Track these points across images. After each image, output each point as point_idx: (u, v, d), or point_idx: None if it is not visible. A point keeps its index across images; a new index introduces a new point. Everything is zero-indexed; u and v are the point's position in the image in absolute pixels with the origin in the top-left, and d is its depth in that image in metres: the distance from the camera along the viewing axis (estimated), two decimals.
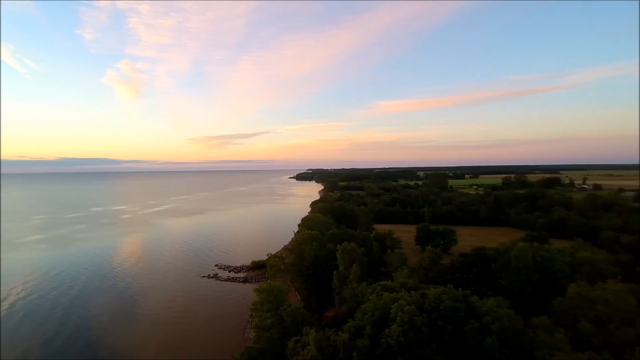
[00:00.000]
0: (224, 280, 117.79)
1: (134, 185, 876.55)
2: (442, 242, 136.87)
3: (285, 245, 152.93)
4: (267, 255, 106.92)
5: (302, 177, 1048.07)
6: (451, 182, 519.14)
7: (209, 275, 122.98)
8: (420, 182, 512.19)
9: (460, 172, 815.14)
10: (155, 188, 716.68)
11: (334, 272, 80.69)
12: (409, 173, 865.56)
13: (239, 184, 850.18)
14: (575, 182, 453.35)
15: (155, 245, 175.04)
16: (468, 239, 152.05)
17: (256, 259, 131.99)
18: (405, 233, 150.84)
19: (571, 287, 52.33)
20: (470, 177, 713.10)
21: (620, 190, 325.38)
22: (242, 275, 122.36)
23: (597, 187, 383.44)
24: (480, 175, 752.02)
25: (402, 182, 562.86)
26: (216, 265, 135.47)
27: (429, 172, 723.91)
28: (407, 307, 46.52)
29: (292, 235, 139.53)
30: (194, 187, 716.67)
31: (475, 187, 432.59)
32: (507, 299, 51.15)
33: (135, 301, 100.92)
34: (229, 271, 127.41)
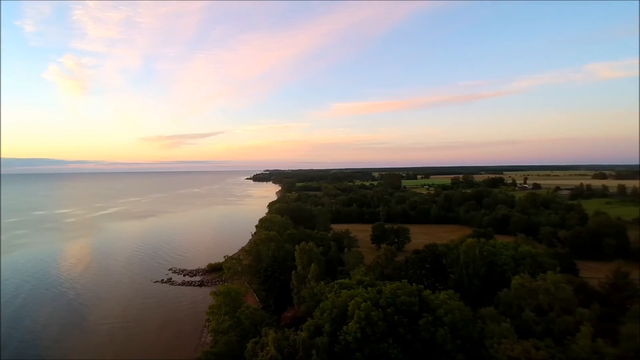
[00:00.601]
0: (179, 284, 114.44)
1: (80, 187, 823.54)
2: (396, 240, 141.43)
3: (242, 247, 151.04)
4: (224, 257, 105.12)
5: (259, 178, 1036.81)
6: (405, 183, 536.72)
7: (163, 280, 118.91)
8: (375, 183, 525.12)
9: (413, 173, 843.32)
10: (102, 190, 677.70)
11: (293, 272, 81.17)
12: (364, 174, 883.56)
13: (194, 185, 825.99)
14: (517, 181, 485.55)
15: (104, 250, 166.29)
16: (420, 236, 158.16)
17: (212, 261, 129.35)
18: (362, 232, 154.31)
19: (515, 279, 56.22)
20: (422, 178, 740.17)
21: (557, 189, 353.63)
22: (197, 278, 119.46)
23: (536, 186, 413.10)
24: (432, 176, 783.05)
25: (358, 182, 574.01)
26: (170, 269, 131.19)
27: (383, 173, 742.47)
28: (364, 303, 48.03)
29: (250, 237, 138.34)
30: (145, 189, 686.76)
31: (427, 187, 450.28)
32: (458, 292, 54.44)
33: (85, 310, 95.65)
34: (184, 275, 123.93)
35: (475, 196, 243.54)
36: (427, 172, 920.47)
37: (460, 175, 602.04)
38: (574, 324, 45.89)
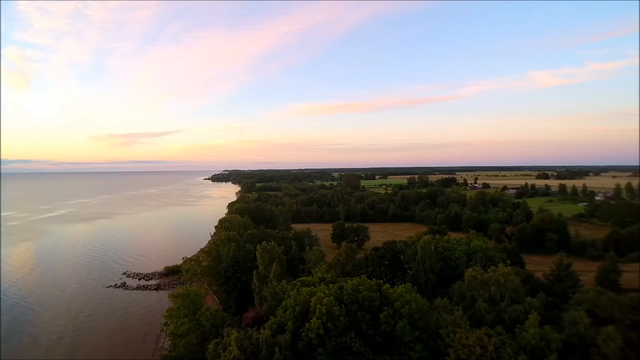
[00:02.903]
0: (134, 289, 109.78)
1: (23, 188, 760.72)
2: (356, 238, 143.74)
3: (201, 248, 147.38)
4: (182, 259, 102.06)
5: (218, 178, 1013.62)
6: (363, 183, 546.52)
7: (116, 284, 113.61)
8: (335, 183, 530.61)
9: (371, 173, 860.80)
10: (48, 191, 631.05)
11: (254, 272, 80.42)
12: (324, 174, 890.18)
13: (148, 185, 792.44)
14: (468, 181, 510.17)
15: (51, 255, 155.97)
16: (379, 234, 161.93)
17: (169, 264, 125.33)
18: (322, 231, 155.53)
19: (468, 272, 59.15)
20: (380, 178, 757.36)
21: (504, 188, 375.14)
22: (153, 282, 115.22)
23: (485, 186, 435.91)
24: (389, 176, 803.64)
25: (317, 182, 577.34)
26: (124, 273, 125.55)
27: (343, 173, 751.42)
28: (326, 299, 48.60)
29: (209, 238, 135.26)
30: (94, 190, 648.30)
31: (385, 187, 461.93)
32: (415, 286, 56.46)
33: (30, 317, 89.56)
34: (139, 279, 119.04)
35: (430, 195, 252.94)
36: (385, 172, 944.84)
37: (416, 176, 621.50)
38: (523, 312, 49.07)
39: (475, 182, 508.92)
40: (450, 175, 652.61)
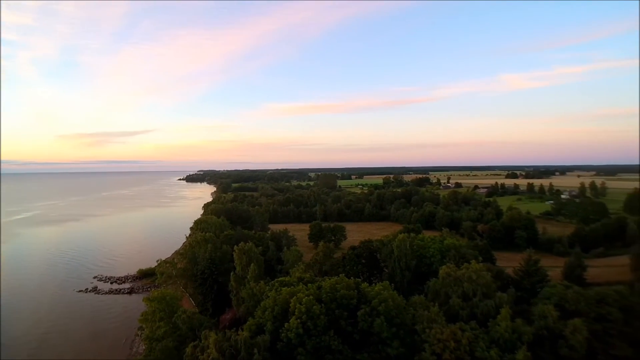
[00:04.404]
0: (106, 293, 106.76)
1: None
2: (333, 237, 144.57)
3: (176, 250, 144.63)
4: (157, 261, 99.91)
5: (193, 178, 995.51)
6: (340, 182, 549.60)
7: (87, 289, 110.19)
8: (311, 183, 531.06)
9: (347, 173, 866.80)
10: (15, 192, 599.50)
11: (231, 274, 79.64)
12: (301, 174, 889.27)
13: (120, 186, 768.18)
14: (441, 181, 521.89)
15: (17, 259, 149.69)
16: (356, 234, 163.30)
17: (143, 267, 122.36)
18: (300, 231, 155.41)
19: (442, 269, 60.59)
20: (356, 178, 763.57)
21: (476, 187, 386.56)
22: (127, 286, 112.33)
23: (458, 185, 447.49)
24: (365, 176, 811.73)
25: (294, 182, 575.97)
26: (95, 277, 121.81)
27: (319, 173, 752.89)
28: (305, 298, 48.85)
29: (184, 239, 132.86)
30: (64, 191, 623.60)
31: (361, 186, 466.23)
32: (392, 284, 57.50)
33: None
34: (111, 283, 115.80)
35: (404, 195, 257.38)
36: (361, 172, 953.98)
37: (391, 176, 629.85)
38: (494, 307, 50.78)
39: (448, 182, 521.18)
40: (424, 175, 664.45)
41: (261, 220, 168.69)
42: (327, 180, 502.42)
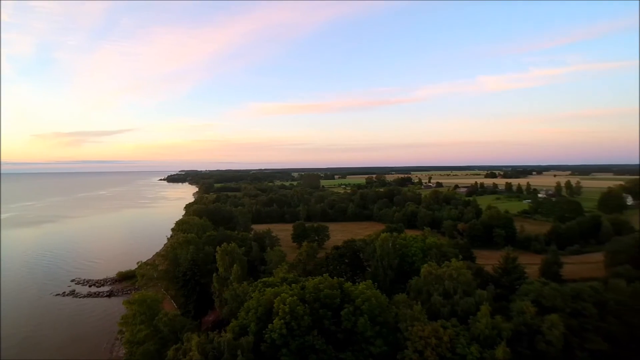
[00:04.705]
0: (84, 296, 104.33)
1: None
2: (316, 237, 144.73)
3: (157, 252, 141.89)
4: (137, 263, 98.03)
5: (174, 179, 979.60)
6: (323, 182, 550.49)
7: (65, 292, 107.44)
8: (295, 183, 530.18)
9: (330, 173, 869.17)
10: None
11: (214, 275, 78.91)
12: (284, 174, 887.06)
13: (99, 187, 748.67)
14: (422, 181, 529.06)
15: None
16: (339, 233, 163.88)
17: (123, 269, 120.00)
18: (283, 231, 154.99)
19: (424, 267, 61.51)
20: (339, 178, 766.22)
21: (456, 187, 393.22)
22: (106, 289, 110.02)
23: (439, 185, 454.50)
24: (348, 176, 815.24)
25: (278, 182, 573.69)
26: (73, 280, 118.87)
27: (303, 173, 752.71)
28: (290, 299, 48.80)
29: (165, 241, 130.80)
30: (40, 192, 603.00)
31: (344, 186, 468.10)
32: (375, 282, 58.02)
33: None
34: (90, 286, 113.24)
35: (387, 194, 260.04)
36: (344, 172, 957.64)
37: (374, 176, 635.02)
38: (474, 304, 51.91)
39: (430, 182, 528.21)
40: (406, 175, 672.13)
41: (244, 220, 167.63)
42: (311, 180, 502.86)
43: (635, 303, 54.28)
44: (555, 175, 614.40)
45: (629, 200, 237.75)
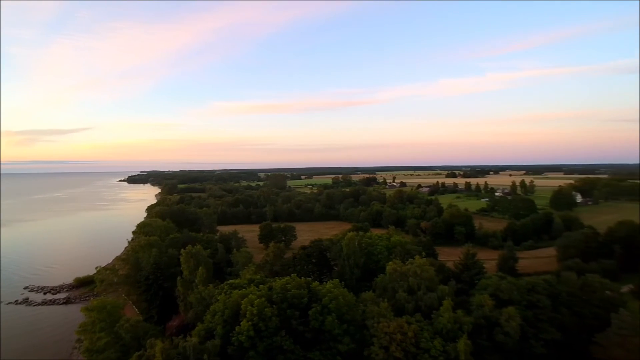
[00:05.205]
0: (39, 304, 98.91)
1: None
2: (283, 238, 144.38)
3: (117, 256, 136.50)
4: (96, 268, 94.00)
5: (135, 179, 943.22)
6: (290, 183, 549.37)
7: (18, 301, 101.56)
8: (261, 183, 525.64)
9: (297, 173, 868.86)
10: None
11: (178, 278, 77.22)
12: (250, 174, 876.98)
13: (54, 188, 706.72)
14: (387, 180, 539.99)
15: None
16: (306, 233, 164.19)
17: (80, 275, 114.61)
18: (249, 232, 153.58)
19: (389, 265, 63.00)
20: (306, 178, 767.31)
21: (419, 186, 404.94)
22: (62, 295, 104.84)
23: (402, 184, 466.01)
24: (314, 176, 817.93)
25: (244, 183, 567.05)
26: (27, 287, 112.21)
27: (269, 174, 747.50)
28: (257, 300, 48.56)
29: (126, 244, 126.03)
30: None
31: (310, 186, 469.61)
32: (342, 281, 58.85)
33: None
34: (45, 293, 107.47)
35: (353, 194, 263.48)
36: (310, 172, 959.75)
37: (340, 176, 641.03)
38: (437, 299, 53.79)
39: (394, 181, 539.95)
40: (372, 175, 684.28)
41: (209, 222, 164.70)
42: (277, 180, 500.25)
43: (584, 294, 58.28)
44: (510, 175, 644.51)
45: (578, 198, 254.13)
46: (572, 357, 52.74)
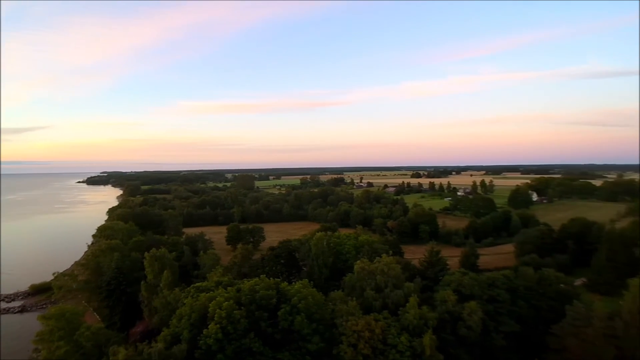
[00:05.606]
0: None
1: None
2: (252, 239, 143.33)
3: (76, 261, 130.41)
4: (53, 274, 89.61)
5: (95, 181, 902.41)
6: (258, 183, 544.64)
7: None
8: (228, 184, 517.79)
9: (265, 174, 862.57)
10: None
11: (142, 283, 75.02)
12: (217, 175, 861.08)
13: (8, 190, 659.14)
14: (354, 181, 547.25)
15: None
16: (275, 234, 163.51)
17: (37, 281, 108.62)
18: (217, 234, 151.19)
19: (357, 264, 64.10)
20: (274, 179, 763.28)
21: (385, 186, 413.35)
22: (17, 304, 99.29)
23: (369, 184, 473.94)
24: (283, 177, 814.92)
25: (210, 184, 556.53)
26: None
27: (236, 174, 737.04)
28: (226, 302, 48.08)
29: (86, 249, 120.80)
30: None
31: (279, 187, 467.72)
32: (311, 281, 59.32)
33: None
34: None
35: (321, 195, 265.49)
36: (279, 173, 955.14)
37: (308, 176, 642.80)
38: (404, 296, 55.33)
39: (361, 182, 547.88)
40: (340, 175, 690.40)
41: (175, 224, 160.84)
42: (245, 181, 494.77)
43: (541, 288, 61.78)
44: (471, 175, 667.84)
45: (534, 197, 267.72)
46: (530, 348, 55.67)
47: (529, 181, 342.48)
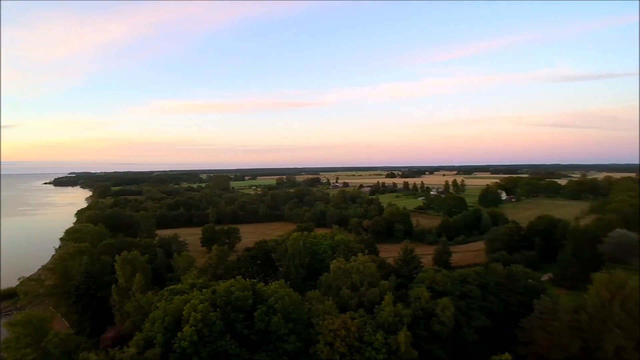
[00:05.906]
0: None
1: None
2: (227, 240, 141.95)
3: (43, 265, 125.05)
4: (18, 280, 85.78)
5: (63, 182, 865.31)
6: (233, 184, 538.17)
7: None
8: (203, 185, 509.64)
9: (241, 174, 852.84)
10: None
11: (113, 287, 72.80)
12: (191, 175, 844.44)
13: None
14: (330, 181, 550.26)
15: None
16: (251, 235, 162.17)
17: (1, 287, 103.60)
18: (191, 236, 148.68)
19: (333, 263, 64.73)
20: (249, 179, 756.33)
21: (361, 186, 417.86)
22: None
23: (345, 184, 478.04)
24: (259, 177, 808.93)
25: (184, 184, 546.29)
26: None
27: (211, 175, 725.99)
28: (201, 305, 47.55)
29: (53, 252, 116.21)
30: None
31: (255, 187, 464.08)
32: (287, 281, 59.43)
33: None
34: None
35: (297, 195, 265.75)
36: (254, 173, 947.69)
37: (284, 176, 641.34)
38: (379, 294, 56.35)
39: (337, 182, 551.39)
40: (316, 176, 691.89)
41: (147, 226, 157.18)
42: (220, 181, 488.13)
43: (510, 283, 64.18)
44: (444, 175, 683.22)
45: (503, 196, 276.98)
46: (500, 341, 57.70)
47: (498, 181, 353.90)
